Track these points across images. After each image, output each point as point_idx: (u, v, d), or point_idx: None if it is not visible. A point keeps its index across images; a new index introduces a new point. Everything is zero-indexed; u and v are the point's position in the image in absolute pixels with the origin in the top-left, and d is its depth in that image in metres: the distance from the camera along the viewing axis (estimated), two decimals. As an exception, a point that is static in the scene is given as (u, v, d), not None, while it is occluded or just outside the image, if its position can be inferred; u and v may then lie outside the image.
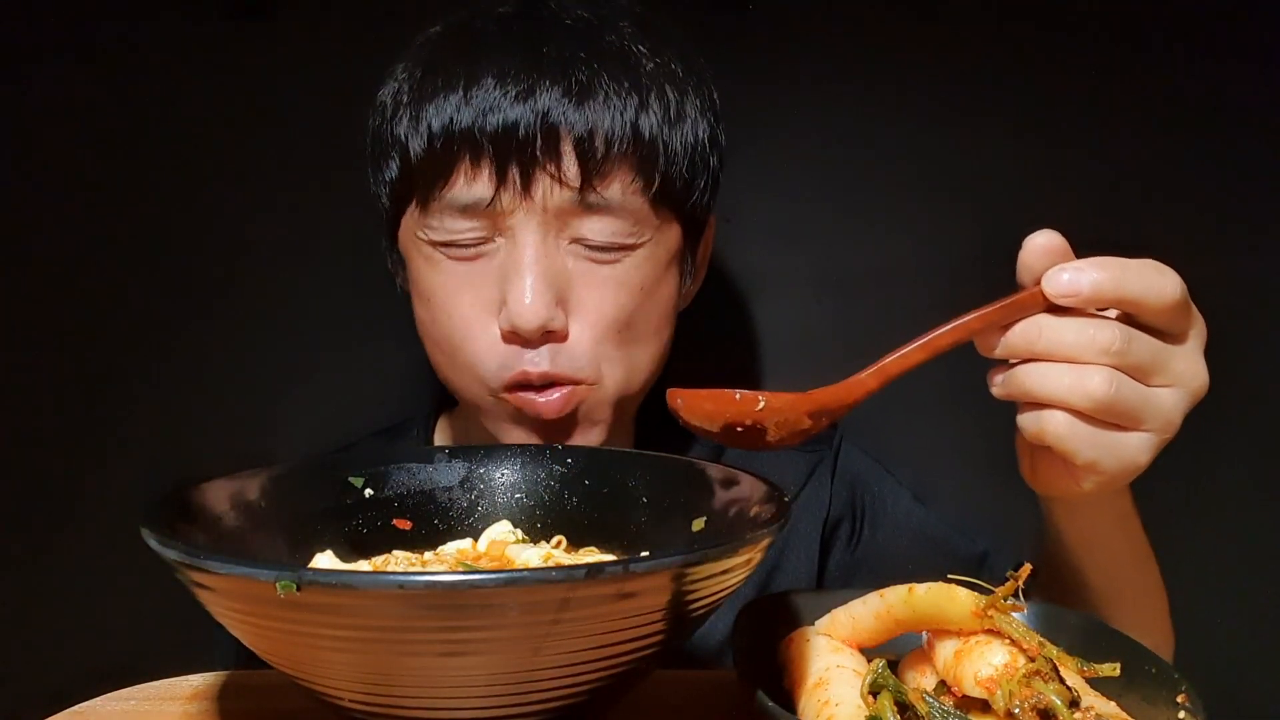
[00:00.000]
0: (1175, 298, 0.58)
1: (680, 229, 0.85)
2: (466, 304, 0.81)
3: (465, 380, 0.84)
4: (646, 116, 0.79)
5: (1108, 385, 0.57)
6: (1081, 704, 0.48)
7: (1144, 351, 0.58)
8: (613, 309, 0.81)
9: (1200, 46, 1.11)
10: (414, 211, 0.82)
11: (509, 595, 0.43)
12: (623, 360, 0.83)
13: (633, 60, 0.81)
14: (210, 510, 0.60)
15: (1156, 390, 0.59)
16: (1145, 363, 0.58)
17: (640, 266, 0.82)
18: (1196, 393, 0.61)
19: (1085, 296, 0.57)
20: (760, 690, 0.52)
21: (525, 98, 0.76)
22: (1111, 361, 0.57)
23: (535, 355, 0.79)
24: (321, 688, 0.50)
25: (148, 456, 1.12)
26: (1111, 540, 0.74)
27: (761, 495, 0.60)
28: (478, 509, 0.71)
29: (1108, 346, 0.57)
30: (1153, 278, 0.58)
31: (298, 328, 1.15)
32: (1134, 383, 0.58)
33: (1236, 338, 1.12)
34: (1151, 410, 0.59)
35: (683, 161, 0.82)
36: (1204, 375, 0.61)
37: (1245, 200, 1.12)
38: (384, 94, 0.84)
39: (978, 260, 1.14)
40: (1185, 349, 0.60)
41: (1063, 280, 0.58)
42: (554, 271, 0.79)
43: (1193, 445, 1.12)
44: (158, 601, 0.93)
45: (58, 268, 1.12)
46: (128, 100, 1.11)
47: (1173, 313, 0.59)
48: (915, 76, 1.12)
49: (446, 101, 0.78)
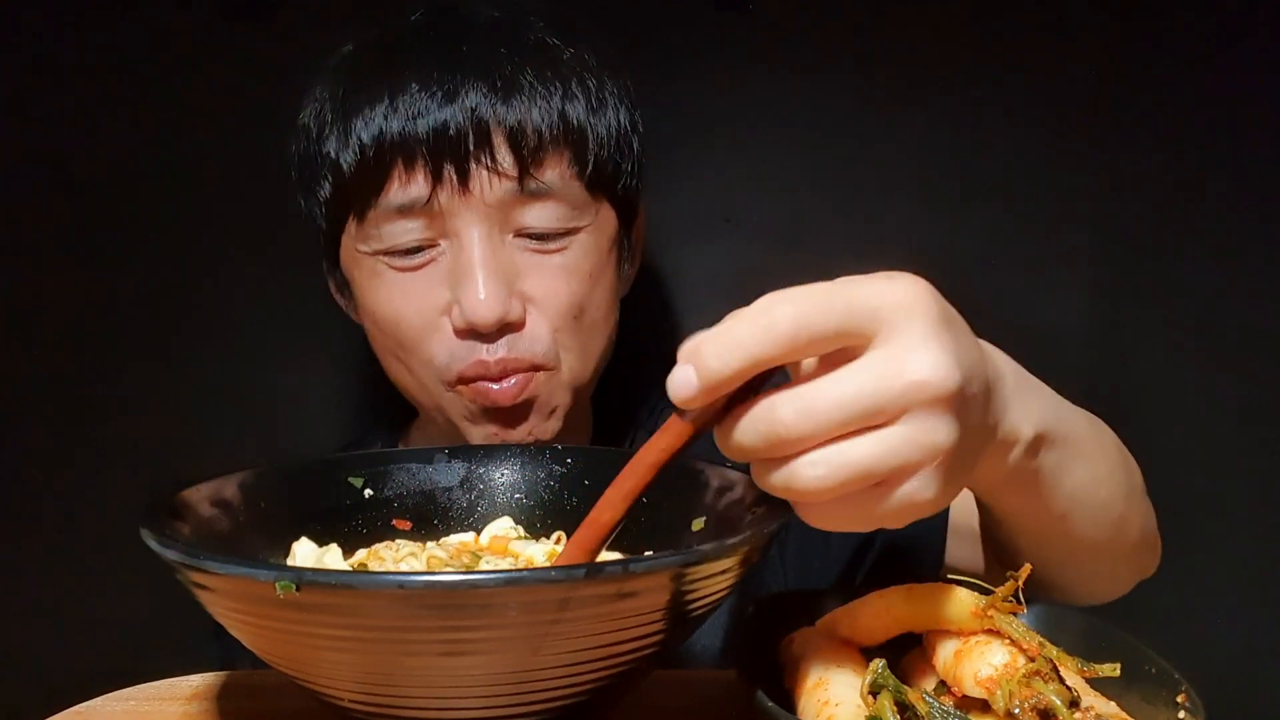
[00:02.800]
0: (789, 330, 0.44)
1: (615, 213, 0.87)
2: (414, 312, 0.82)
3: (420, 381, 0.84)
4: (571, 105, 0.81)
5: (815, 474, 0.45)
6: (1081, 704, 0.49)
7: (824, 406, 0.44)
8: (566, 296, 0.82)
9: (1201, 47, 1.11)
10: (352, 228, 0.83)
11: (509, 595, 0.43)
12: (577, 347, 0.84)
13: (550, 53, 0.82)
14: (210, 510, 0.60)
15: (882, 432, 0.44)
16: (836, 416, 0.44)
17: (587, 253, 0.83)
18: (937, 397, 0.44)
19: (702, 390, 0.45)
20: (760, 690, 0.51)
21: (452, 98, 0.78)
22: (795, 444, 0.45)
23: (491, 346, 0.80)
24: (321, 688, 0.50)
25: (147, 456, 1.12)
26: (1027, 510, 0.64)
27: (761, 494, 0.60)
28: (477, 509, 0.71)
29: (769, 432, 0.45)
30: (762, 327, 0.44)
31: (298, 329, 1.15)
32: (851, 443, 0.44)
33: (1237, 337, 1.12)
34: (891, 459, 0.45)
35: (609, 145, 0.83)
36: (931, 370, 0.44)
37: (1246, 200, 1.12)
38: (305, 116, 0.85)
39: (978, 260, 1.15)
40: (881, 361, 0.45)
41: (675, 386, 0.46)
42: (504, 265, 0.80)
43: (1193, 446, 1.13)
44: (158, 601, 0.93)
45: (56, 268, 1.12)
46: (128, 100, 1.11)
47: (814, 347, 0.45)
48: (916, 76, 1.12)
49: (374, 112, 0.78)
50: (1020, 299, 1.15)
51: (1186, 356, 1.13)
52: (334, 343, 1.15)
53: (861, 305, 0.45)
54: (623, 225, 0.88)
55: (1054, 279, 1.15)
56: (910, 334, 0.45)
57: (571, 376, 0.85)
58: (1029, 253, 1.15)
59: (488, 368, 0.81)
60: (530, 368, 0.82)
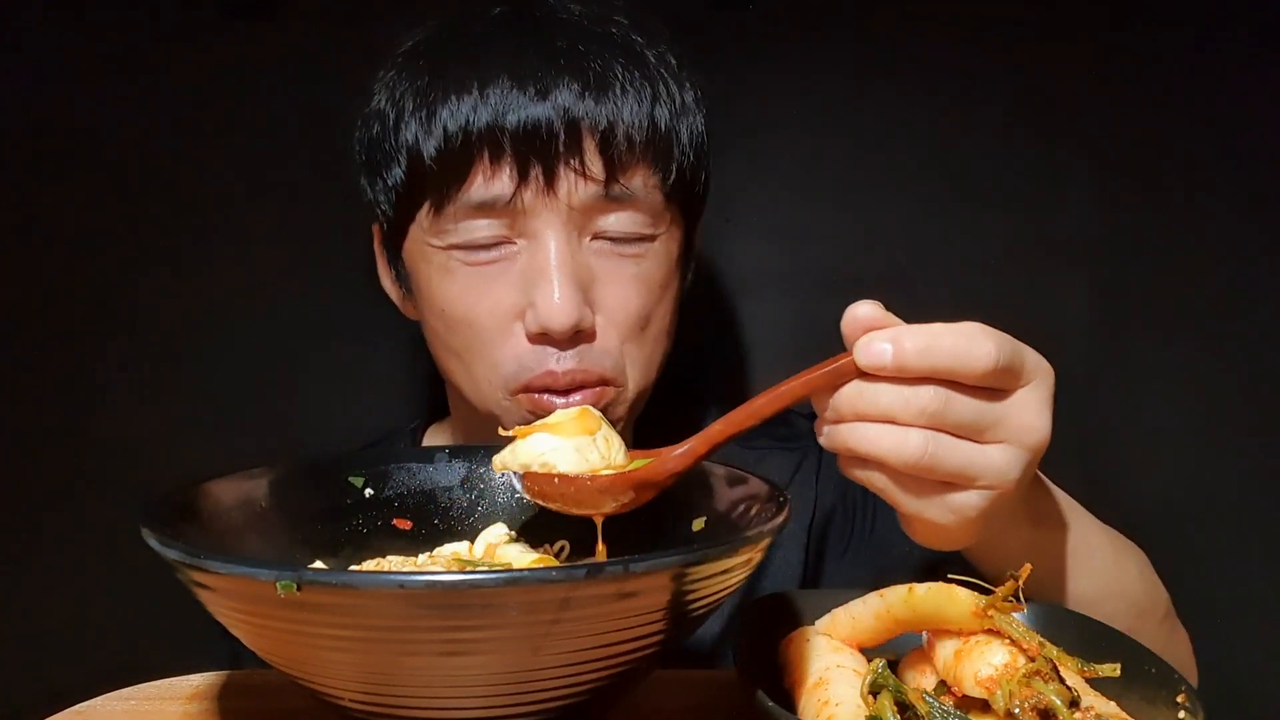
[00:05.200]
0: (987, 366, 0.55)
1: (683, 226, 0.85)
2: (486, 311, 0.79)
3: (481, 386, 0.82)
4: (660, 108, 0.79)
5: (923, 447, 0.56)
6: (1081, 704, 0.49)
7: (965, 412, 0.56)
8: (637, 306, 0.80)
9: (1200, 48, 1.11)
10: (425, 219, 0.80)
11: (509, 595, 0.43)
12: (642, 360, 0.83)
13: (637, 51, 0.80)
14: (210, 510, 0.60)
15: (985, 448, 0.57)
16: (968, 422, 0.56)
17: (659, 263, 0.82)
18: (1034, 447, 0.58)
19: (890, 367, 0.55)
20: (760, 690, 0.52)
21: (544, 94, 0.75)
22: (929, 423, 0.56)
23: (562, 355, 0.78)
24: (322, 688, 0.50)
25: (148, 456, 1.12)
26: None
27: (762, 495, 0.60)
28: (478, 509, 0.71)
29: (923, 409, 0.55)
30: (964, 346, 0.55)
31: (297, 330, 1.15)
32: (957, 441, 0.56)
33: (1238, 337, 1.12)
34: (979, 468, 0.57)
35: (690, 152, 0.82)
36: (1042, 429, 0.58)
37: (1247, 200, 1.12)
38: (380, 102, 0.82)
39: (978, 259, 1.15)
40: (1017, 405, 0.57)
41: (871, 350, 0.56)
42: (580, 270, 0.78)
43: (1193, 445, 1.13)
44: (158, 601, 0.93)
45: (57, 268, 1.12)
46: (128, 100, 1.11)
47: (990, 378, 0.56)
48: (915, 76, 1.12)
49: (461, 103, 0.76)
50: (1020, 299, 1.15)
51: (1187, 356, 1.13)
52: (336, 343, 1.15)
53: (1032, 363, 0.58)
54: (686, 239, 0.87)
55: (1054, 279, 1.15)
56: (1041, 396, 0.58)
57: (635, 390, 0.83)
58: (1029, 252, 1.15)
59: (556, 379, 0.78)
60: (599, 381, 0.80)
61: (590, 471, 0.61)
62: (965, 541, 0.62)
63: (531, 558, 0.65)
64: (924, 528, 0.61)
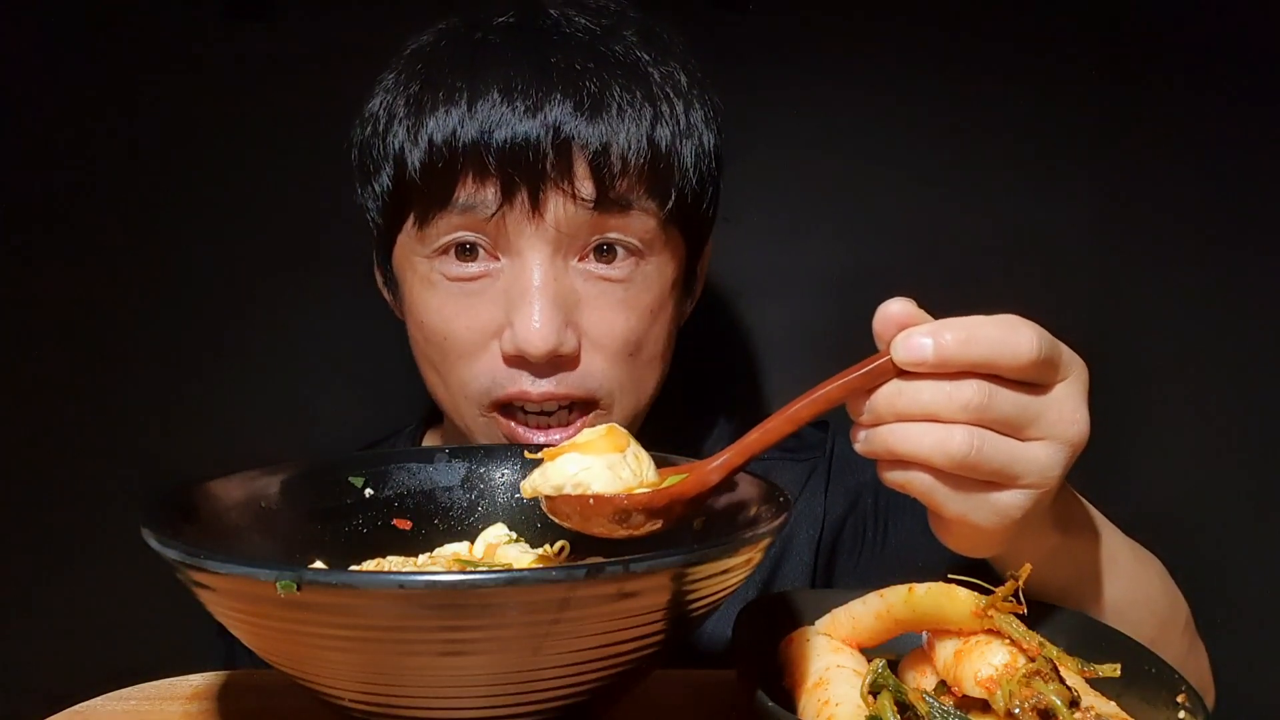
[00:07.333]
0: (1030, 356, 0.54)
1: (685, 246, 0.83)
2: (464, 327, 0.78)
3: (456, 399, 0.81)
4: (661, 128, 0.76)
5: (968, 443, 0.54)
6: (1081, 704, 0.49)
7: (1008, 406, 0.54)
8: (623, 331, 0.78)
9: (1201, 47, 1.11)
10: (411, 228, 0.79)
11: (509, 595, 0.43)
12: (631, 383, 0.80)
13: (641, 70, 0.77)
14: (210, 510, 0.60)
15: (1028, 444, 0.56)
16: (1011, 417, 0.55)
17: (650, 286, 0.79)
18: (1074, 442, 0.56)
19: (931, 362, 0.54)
20: (760, 690, 0.51)
21: (534, 111, 0.73)
22: (972, 419, 0.54)
23: (537, 380, 0.77)
24: (322, 687, 0.50)
25: (148, 457, 1.12)
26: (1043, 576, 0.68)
27: (762, 496, 0.60)
28: (478, 509, 0.71)
29: (967, 403, 0.54)
30: (1005, 336, 0.54)
31: (298, 330, 1.15)
32: (1000, 438, 0.55)
33: (1238, 336, 1.12)
34: (1022, 465, 0.55)
35: (693, 175, 0.79)
36: (1081, 424, 0.57)
37: (1247, 199, 1.12)
38: (374, 105, 0.80)
39: (977, 258, 1.15)
40: (1056, 399, 0.56)
41: (910, 346, 0.54)
42: (564, 293, 0.76)
43: (1193, 444, 1.13)
44: (158, 601, 0.93)
45: (59, 268, 1.12)
46: (128, 100, 1.11)
47: (1032, 369, 0.55)
48: (915, 77, 1.12)
49: (449, 114, 0.74)
50: (1020, 296, 1.14)
51: (1187, 354, 1.13)
52: (337, 344, 1.15)
53: (1068, 356, 0.57)
54: (689, 256, 0.84)
55: (1054, 276, 1.15)
56: (1078, 390, 0.57)
57: (624, 416, 0.81)
58: (1029, 251, 1.15)
59: (529, 397, 0.77)
60: (578, 400, 0.78)
61: (625, 490, 0.58)
62: (999, 547, 0.60)
63: (531, 558, 0.65)
64: (962, 531, 0.59)
